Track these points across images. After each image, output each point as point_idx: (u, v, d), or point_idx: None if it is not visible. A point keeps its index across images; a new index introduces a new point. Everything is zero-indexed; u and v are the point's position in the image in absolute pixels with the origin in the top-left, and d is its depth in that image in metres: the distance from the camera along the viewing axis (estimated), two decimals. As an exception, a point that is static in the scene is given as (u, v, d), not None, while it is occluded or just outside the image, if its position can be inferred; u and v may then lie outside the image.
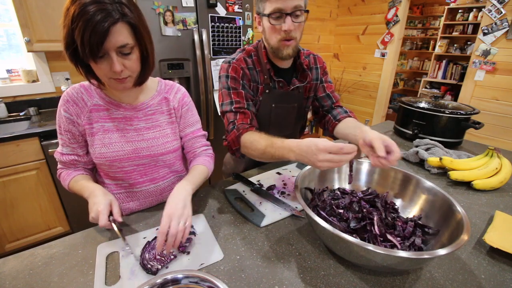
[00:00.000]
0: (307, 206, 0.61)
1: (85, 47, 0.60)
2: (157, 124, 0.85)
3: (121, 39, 0.63)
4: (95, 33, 0.59)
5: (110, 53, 0.63)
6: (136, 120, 0.82)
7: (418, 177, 0.75)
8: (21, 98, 1.98)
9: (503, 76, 2.40)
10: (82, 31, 0.58)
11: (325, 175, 0.83)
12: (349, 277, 0.60)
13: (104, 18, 0.59)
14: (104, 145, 0.78)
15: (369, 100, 3.63)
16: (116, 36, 0.62)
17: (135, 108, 0.82)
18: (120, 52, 0.65)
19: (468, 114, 1.26)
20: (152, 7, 1.63)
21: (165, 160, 0.87)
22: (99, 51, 0.62)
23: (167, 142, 0.86)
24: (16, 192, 1.63)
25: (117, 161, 0.80)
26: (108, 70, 0.66)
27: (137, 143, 0.81)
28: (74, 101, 0.76)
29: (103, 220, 0.64)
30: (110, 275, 0.60)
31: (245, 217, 0.79)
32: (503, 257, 0.66)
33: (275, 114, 1.02)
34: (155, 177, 0.88)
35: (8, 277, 0.60)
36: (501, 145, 2.47)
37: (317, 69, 1.09)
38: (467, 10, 3.94)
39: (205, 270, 0.61)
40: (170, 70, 1.83)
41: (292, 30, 0.84)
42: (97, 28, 0.59)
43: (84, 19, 0.58)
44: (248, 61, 0.97)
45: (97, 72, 0.68)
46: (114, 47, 0.63)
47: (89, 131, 0.78)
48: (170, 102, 0.87)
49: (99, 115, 0.78)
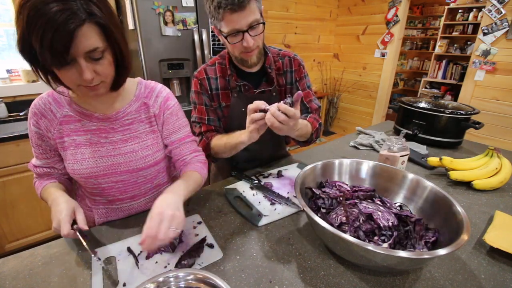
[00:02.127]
0: (307, 206, 0.61)
1: (46, 54, 0.51)
2: (136, 135, 0.76)
3: (90, 43, 0.54)
4: (58, 38, 0.50)
5: (78, 59, 0.55)
6: (112, 131, 0.73)
7: (418, 177, 0.75)
8: (21, 98, 1.98)
9: (503, 76, 2.40)
10: (41, 35, 0.49)
11: (326, 174, 0.83)
12: (349, 277, 0.60)
13: (68, 18, 0.49)
14: (77, 161, 0.70)
15: (369, 100, 3.63)
16: (83, 40, 0.53)
17: (110, 118, 0.73)
18: (89, 57, 0.56)
19: (468, 114, 1.26)
20: (152, 7, 1.63)
21: (146, 175, 0.79)
22: (65, 58, 0.53)
23: (148, 155, 0.76)
24: (16, 192, 1.63)
25: (91, 177, 0.72)
26: (76, 77, 0.57)
27: (113, 158, 0.73)
28: (42, 113, 0.69)
29: (65, 229, 0.58)
30: (107, 282, 0.58)
31: (243, 216, 0.79)
32: (503, 257, 0.66)
33: (245, 119, 0.98)
34: (136, 194, 0.81)
35: (8, 277, 0.60)
36: (501, 145, 2.47)
37: (292, 72, 1.05)
38: (467, 10, 3.94)
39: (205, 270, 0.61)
40: (170, 70, 1.83)
41: (251, 45, 0.84)
42: (60, 31, 0.49)
43: (43, 20, 0.48)
44: (208, 70, 1.00)
45: (64, 80, 0.59)
46: (82, 52, 0.54)
47: (61, 146, 0.71)
48: (150, 108, 0.77)
49: (69, 127, 0.70)
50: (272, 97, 1.02)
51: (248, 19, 0.80)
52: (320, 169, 0.82)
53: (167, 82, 1.88)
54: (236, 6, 0.76)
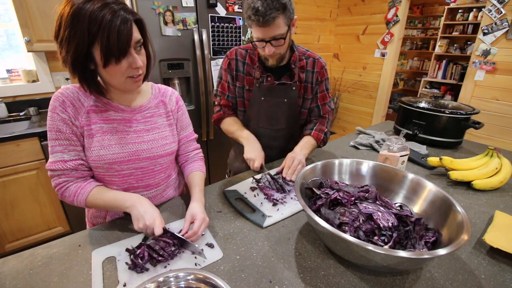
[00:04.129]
0: (307, 206, 0.61)
1: (112, 50, 0.62)
2: (156, 126, 0.84)
3: (135, 35, 0.66)
4: (122, 34, 0.61)
5: (130, 50, 0.65)
6: (135, 122, 0.81)
7: (418, 177, 0.75)
8: (21, 98, 1.98)
9: (503, 76, 2.40)
10: (107, 35, 0.60)
11: (326, 174, 0.83)
12: (349, 277, 0.60)
13: (124, 18, 0.62)
14: (103, 147, 0.74)
15: (369, 100, 3.63)
16: (134, 34, 0.65)
17: (134, 111, 0.81)
18: (134, 49, 0.67)
19: (468, 114, 1.26)
20: (152, 7, 1.63)
21: (162, 163, 0.86)
22: (128, 50, 0.64)
23: (166, 144, 0.85)
24: (16, 192, 1.63)
25: (116, 163, 0.77)
26: (126, 68, 0.67)
27: (137, 145, 0.79)
28: (71, 101, 0.72)
29: (160, 227, 0.66)
30: (107, 282, 0.59)
31: (247, 218, 0.79)
32: (503, 257, 0.66)
33: (264, 107, 1.11)
34: (150, 183, 0.85)
35: (8, 277, 0.60)
36: (501, 145, 2.47)
37: (313, 73, 1.11)
38: (467, 10, 3.94)
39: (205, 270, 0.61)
40: (170, 70, 1.83)
41: (272, 53, 0.95)
42: (121, 29, 0.61)
43: (105, 22, 0.60)
44: (239, 52, 1.11)
45: (116, 74, 0.67)
46: (133, 43, 0.65)
47: (88, 133, 0.74)
48: (167, 105, 0.88)
49: (97, 116, 0.75)
50: (292, 90, 1.10)
51: (271, 34, 0.90)
52: (320, 169, 0.82)
53: (167, 82, 1.88)
54: (261, 23, 0.87)
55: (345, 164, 0.85)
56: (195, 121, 1.92)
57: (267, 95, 1.09)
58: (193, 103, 2.00)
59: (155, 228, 0.65)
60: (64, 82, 2.09)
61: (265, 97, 1.09)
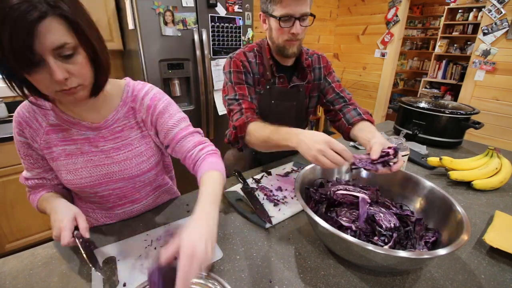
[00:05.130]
0: (307, 206, 0.61)
1: (9, 55, 0.46)
2: (128, 142, 0.72)
3: (56, 38, 0.48)
4: (17, 32, 0.44)
5: (46, 57, 0.49)
6: (102, 140, 0.69)
7: (418, 177, 0.75)
8: (21, 98, 1.97)
9: (503, 76, 2.40)
10: (0, 32, 0.44)
11: (326, 174, 0.83)
12: (349, 277, 0.60)
13: (27, 11, 0.44)
14: (69, 172, 0.67)
15: (369, 100, 3.62)
16: (48, 35, 0.47)
17: (99, 127, 0.68)
18: (59, 55, 0.50)
19: (468, 114, 1.26)
20: (152, 7, 1.63)
21: (143, 180, 0.76)
22: (29, 57, 0.47)
23: (142, 161, 0.73)
24: (16, 192, 1.63)
25: (87, 187, 0.70)
26: (49, 81, 0.51)
27: (107, 167, 0.70)
28: (27, 122, 0.65)
29: (65, 237, 0.55)
30: (107, 282, 0.58)
31: (249, 219, 0.78)
32: (503, 257, 0.66)
33: (274, 111, 1.04)
34: (136, 198, 0.78)
35: (8, 277, 0.60)
36: (501, 145, 2.47)
37: (320, 69, 1.09)
38: (467, 10, 3.94)
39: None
40: (170, 70, 1.83)
41: (299, 34, 0.90)
42: (18, 26, 0.44)
43: (1, 16, 0.44)
44: (248, 55, 1.01)
45: (38, 87, 0.54)
46: (50, 49, 0.48)
47: (49, 156, 0.67)
48: (136, 114, 0.72)
49: (57, 136, 0.66)
50: (299, 92, 1.06)
51: (302, 9, 0.86)
52: (320, 169, 0.82)
53: (167, 82, 1.88)
54: None
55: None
56: (195, 121, 1.92)
57: (278, 98, 1.03)
58: (193, 103, 2.00)
59: (61, 240, 0.56)
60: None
61: (275, 100, 1.03)
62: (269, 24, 0.94)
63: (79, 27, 0.52)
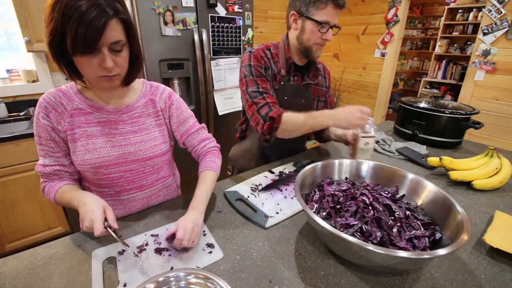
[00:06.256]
0: (307, 207, 0.61)
1: (78, 42, 0.58)
2: (144, 127, 0.82)
3: (115, 35, 0.62)
4: (91, 29, 0.58)
5: (102, 49, 0.62)
6: (122, 123, 0.78)
7: (418, 177, 0.75)
8: (21, 98, 1.98)
9: (503, 76, 2.40)
10: (76, 25, 0.57)
11: (326, 174, 0.83)
12: (349, 277, 0.60)
13: (100, 13, 0.58)
14: (88, 151, 0.74)
15: (369, 100, 3.62)
16: (110, 32, 0.61)
17: (120, 111, 0.78)
18: (111, 49, 0.64)
19: (468, 114, 1.26)
20: (152, 7, 1.63)
21: (153, 165, 0.84)
22: (95, 47, 0.60)
23: (155, 145, 0.82)
24: (16, 192, 1.63)
25: (102, 167, 0.76)
26: (97, 67, 0.64)
27: (124, 148, 0.77)
28: (53, 106, 0.72)
29: (99, 228, 0.60)
30: (107, 282, 0.58)
31: (249, 219, 0.79)
32: (503, 257, 0.66)
33: (285, 107, 1.04)
34: (143, 184, 0.84)
35: (8, 277, 0.60)
36: (501, 145, 2.47)
37: (325, 78, 1.21)
38: (467, 10, 3.94)
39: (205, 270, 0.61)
40: (170, 70, 1.83)
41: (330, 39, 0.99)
42: (93, 24, 0.58)
43: (78, 13, 0.57)
44: (266, 52, 1.06)
45: (86, 69, 0.65)
46: (108, 43, 0.62)
47: (71, 137, 0.73)
48: (156, 103, 0.85)
49: (80, 119, 0.74)
50: (307, 91, 1.13)
51: (336, 19, 0.96)
52: (320, 169, 0.82)
53: (167, 82, 1.87)
54: (341, 6, 0.94)
55: (345, 164, 0.85)
56: (195, 121, 1.92)
57: (291, 95, 1.08)
58: (193, 103, 2.00)
59: (94, 231, 0.61)
60: (64, 82, 2.09)
61: (288, 97, 1.08)
62: (303, 25, 0.99)
63: (130, 29, 0.67)
